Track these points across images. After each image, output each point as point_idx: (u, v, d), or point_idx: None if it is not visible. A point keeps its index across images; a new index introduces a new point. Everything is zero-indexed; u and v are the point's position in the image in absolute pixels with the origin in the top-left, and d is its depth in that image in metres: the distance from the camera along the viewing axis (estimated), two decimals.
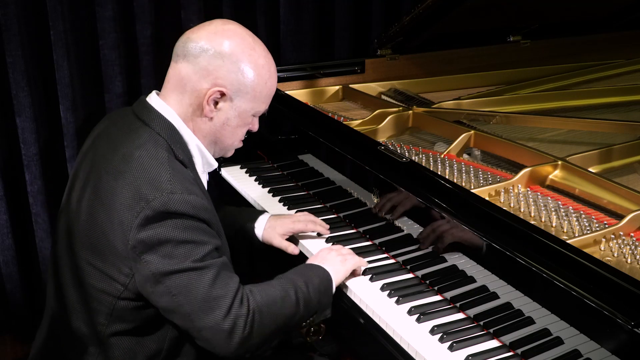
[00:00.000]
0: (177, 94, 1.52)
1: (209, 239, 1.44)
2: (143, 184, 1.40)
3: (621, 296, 1.25)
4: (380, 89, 2.58)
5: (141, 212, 1.38)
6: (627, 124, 2.11)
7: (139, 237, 1.38)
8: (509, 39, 2.83)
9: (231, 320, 1.42)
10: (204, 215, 1.43)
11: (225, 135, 1.57)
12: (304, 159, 2.24)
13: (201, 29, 1.52)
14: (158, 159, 1.44)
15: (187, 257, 1.40)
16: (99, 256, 1.45)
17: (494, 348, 1.46)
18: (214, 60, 1.48)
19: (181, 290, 1.40)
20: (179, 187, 1.40)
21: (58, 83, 2.67)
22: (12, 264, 2.82)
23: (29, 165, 2.71)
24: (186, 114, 1.53)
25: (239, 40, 1.51)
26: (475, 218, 1.56)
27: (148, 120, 1.51)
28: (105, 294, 1.46)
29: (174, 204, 1.38)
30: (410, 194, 1.73)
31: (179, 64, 1.51)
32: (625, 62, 2.79)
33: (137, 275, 1.42)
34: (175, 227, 1.39)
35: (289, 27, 3.12)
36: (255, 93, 1.53)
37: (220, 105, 1.52)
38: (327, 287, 1.63)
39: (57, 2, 2.59)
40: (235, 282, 1.46)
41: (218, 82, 1.49)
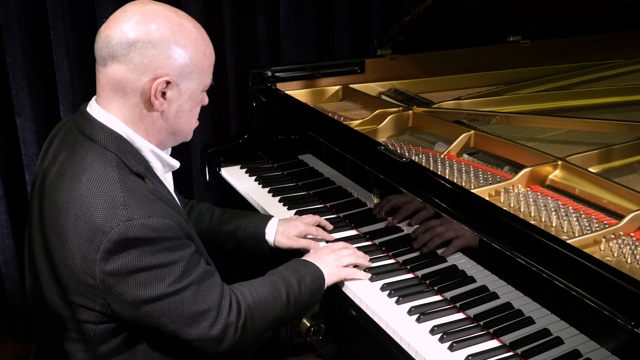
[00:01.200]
0: (117, 99, 1.39)
1: (182, 253, 1.36)
2: (97, 213, 1.29)
3: (621, 296, 1.25)
4: (380, 89, 2.58)
5: (101, 245, 1.29)
6: (627, 124, 2.11)
7: (106, 271, 1.30)
8: (509, 39, 2.82)
9: (220, 328, 1.40)
10: (169, 234, 1.33)
11: (182, 123, 1.46)
12: (304, 159, 2.24)
13: (118, 23, 1.37)
14: (108, 181, 1.33)
15: (163, 282, 1.33)
16: (71, 291, 1.37)
17: (494, 348, 1.46)
18: (146, 51, 1.35)
19: (163, 313, 1.34)
20: (136, 211, 1.30)
21: (58, 83, 2.67)
22: (12, 264, 2.82)
23: (29, 165, 2.71)
24: (133, 118, 1.41)
25: (163, 21, 1.37)
26: (475, 218, 1.56)
27: (92, 135, 1.40)
28: (83, 322, 1.40)
29: (134, 231, 1.29)
30: (410, 194, 1.73)
31: (109, 67, 1.37)
32: (625, 62, 2.79)
33: (113, 304, 1.35)
34: (141, 254, 1.30)
35: (289, 27, 3.12)
36: (198, 69, 1.42)
37: (169, 94, 1.40)
38: (319, 287, 1.63)
39: (57, 2, 2.59)
40: (218, 290, 1.42)
41: (159, 73, 1.37)
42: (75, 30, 2.68)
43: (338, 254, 1.70)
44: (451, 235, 1.62)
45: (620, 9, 2.88)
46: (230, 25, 2.99)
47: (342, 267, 1.68)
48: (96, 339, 1.41)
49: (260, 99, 2.40)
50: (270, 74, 2.47)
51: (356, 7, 3.29)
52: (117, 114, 1.41)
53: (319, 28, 3.24)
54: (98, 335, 1.41)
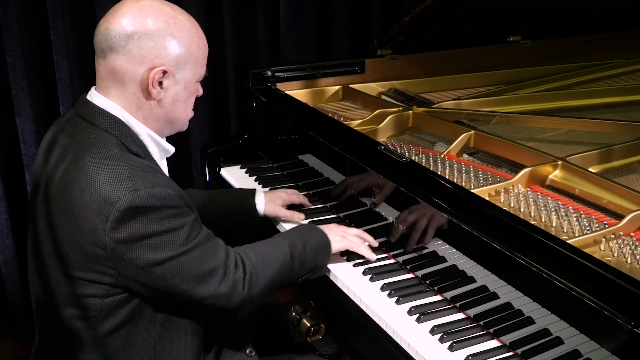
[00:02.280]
0: (116, 88, 1.47)
1: (185, 219, 1.44)
2: (103, 185, 1.37)
3: (621, 296, 1.25)
4: (380, 89, 2.58)
5: (109, 215, 1.35)
6: (627, 124, 2.11)
7: (116, 239, 1.37)
8: (509, 39, 2.83)
9: (228, 285, 1.48)
10: (172, 202, 1.41)
11: (178, 112, 1.54)
12: (304, 159, 2.24)
13: (116, 17, 1.44)
14: (111, 157, 1.40)
15: (171, 244, 1.41)
16: (77, 268, 1.43)
17: (494, 348, 1.46)
18: (144, 42, 1.43)
19: (175, 274, 1.42)
20: (140, 182, 1.38)
21: (58, 83, 2.68)
22: (12, 264, 2.82)
23: (29, 165, 2.71)
24: (131, 105, 1.48)
25: (158, 14, 1.45)
26: (475, 218, 1.56)
27: (93, 119, 1.47)
28: (90, 297, 1.45)
29: (140, 200, 1.37)
30: (410, 193, 1.73)
31: (108, 58, 1.45)
32: (625, 62, 2.79)
33: (125, 272, 1.41)
34: (148, 221, 1.38)
35: (289, 27, 3.12)
36: (193, 59, 1.50)
37: (165, 83, 1.48)
38: (324, 249, 1.71)
39: (57, 2, 2.59)
40: (222, 249, 1.51)
41: (156, 63, 1.44)
42: (75, 30, 2.69)
43: (344, 228, 1.80)
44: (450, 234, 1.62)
45: (620, 9, 2.88)
46: (230, 25, 2.99)
47: (348, 234, 1.77)
48: (101, 315, 1.46)
49: (260, 99, 2.40)
50: (270, 74, 2.47)
51: (356, 7, 3.29)
52: (117, 102, 1.49)
53: (319, 28, 3.24)
54: (104, 310, 1.46)
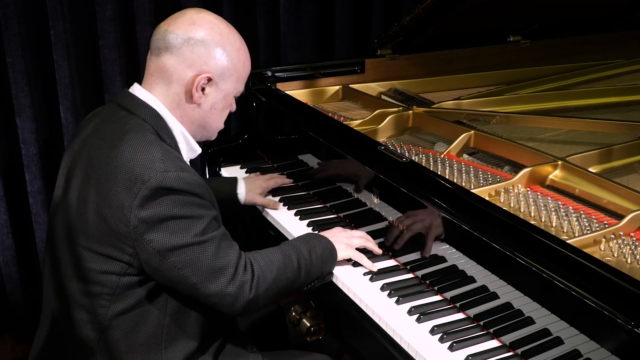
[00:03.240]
0: (162, 85, 1.57)
1: (206, 211, 1.50)
2: (137, 165, 1.44)
3: (621, 296, 1.25)
4: (380, 89, 2.58)
5: (139, 192, 1.42)
6: (627, 124, 2.11)
7: (140, 217, 1.42)
8: (509, 39, 2.83)
9: (236, 286, 1.50)
10: (198, 190, 1.48)
11: (212, 119, 1.64)
12: (304, 159, 2.24)
13: (177, 21, 1.57)
14: (147, 140, 1.49)
15: (189, 232, 1.45)
16: (100, 242, 1.48)
17: (494, 348, 1.46)
18: (197, 48, 1.54)
19: (186, 264, 1.46)
20: (171, 165, 1.45)
21: (58, 83, 2.67)
22: (12, 264, 2.82)
23: (29, 165, 2.71)
24: (172, 103, 1.58)
25: (215, 27, 1.57)
26: (475, 218, 1.56)
27: (133, 109, 1.56)
28: (108, 274, 1.50)
29: (169, 181, 1.43)
30: (410, 194, 1.73)
31: (161, 57, 1.55)
32: (625, 62, 2.79)
33: (142, 253, 1.46)
34: (173, 203, 1.44)
35: (289, 27, 3.12)
36: (237, 74, 1.61)
37: (207, 90, 1.58)
38: (330, 256, 1.72)
39: (57, 2, 2.59)
40: (236, 250, 1.54)
41: (204, 69, 1.55)
42: (75, 30, 2.69)
43: (349, 234, 1.80)
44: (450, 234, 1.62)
45: (620, 9, 2.88)
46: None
47: (352, 246, 1.77)
48: (116, 293, 1.50)
49: (260, 99, 2.40)
50: (270, 74, 2.47)
51: (356, 7, 3.29)
52: (159, 97, 1.58)
53: (319, 28, 3.24)
54: (119, 288, 1.50)
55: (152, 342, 1.54)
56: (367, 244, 1.79)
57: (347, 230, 1.81)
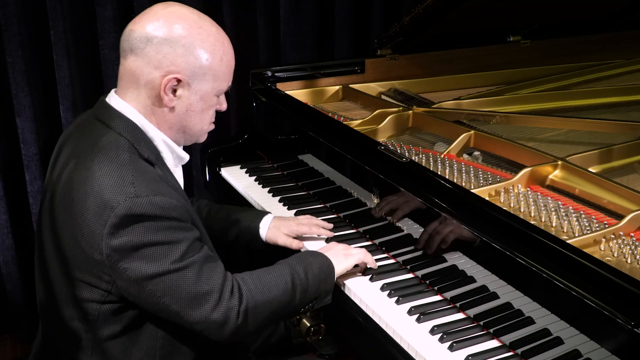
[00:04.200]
0: (132, 90, 1.47)
1: (185, 234, 1.40)
2: (105, 189, 1.35)
3: (621, 296, 1.25)
4: (380, 89, 2.58)
5: (108, 220, 1.34)
6: (627, 124, 2.11)
7: (111, 246, 1.34)
8: (509, 39, 2.82)
9: (222, 312, 1.41)
10: (174, 213, 1.38)
11: (192, 122, 1.51)
12: (304, 159, 2.24)
13: (142, 19, 1.46)
14: (119, 162, 1.39)
15: (166, 259, 1.36)
16: (78, 269, 1.42)
17: (494, 348, 1.46)
18: (162, 47, 1.42)
19: (166, 292, 1.38)
20: (143, 189, 1.36)
21: (58, 83, 2.67)
22: (12, 264, 2.82)
23: (29, 165, 2.71)
24: (145, 109, 1.48)
25: (183, 22, 1.44)
26: (475, 218, 1.56)
27: (108, 121, 1.47)
28: (88, 301, 1.44)
29: (140, 207, 1.34)
30: (410, 194, 1.73)
31: (127, 59, 1.45)
32: (625, 62, 2.79)
33: (118, 281, 1.39)
34: (146, 230, 1.35)
35: (289, 27, 3.12)
36: (213, 72, 1.47)
37: (180, 92, 1.46)
38: (328, 275, 1.62)
39: (57, 2, 2.59)
40: (220, 273, 1.45)
41: (171, 69, 1.43)
42: (75, 30, 2.68)
43: (346, 247, 1.73)
44: (451, 236, 1.62)
45: (620, 9, 2.88)
46: (230, 25, 2.99)
47: (350, 255, 1.69)
48: (100, 320, 1.44)
49: (260, 99, 2.40)
50: (270, 74, 2.47)
51: (356, 7, 3.28)
52: (132, 104, 1.48)
53: (319, 28, 3.24)
54: (102, 315, 1.44)
55: None
56: (366, 258, 1.72)
57: (345, 246, 1.74)
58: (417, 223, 1.74)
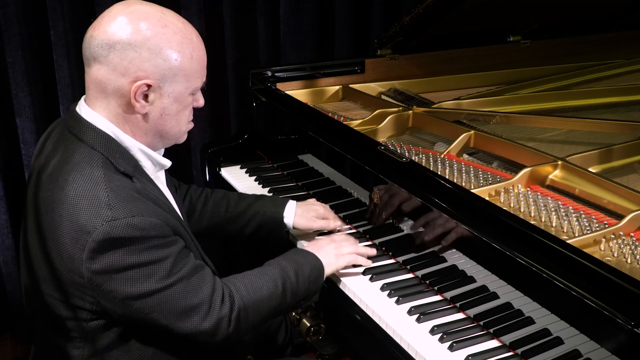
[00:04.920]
0: (101, 99, 1.39)
1: (170, 249, 1.35)
2: (81, 213, 1.29)
3: (621, 296, 1.25)
4: (380, 89, 2.58)
5: (86, 245, 1.28)
6: (627, 124, 2.11)
7: (93, 270, 1.30)
8: (509, 39, 2.83)
9: (212, 322, 1.39)
10: (155, 232, 1.32)
11: (168, 126, 1.44)
12: (304, 159, 2.24)
13: (102, 23, 1.36)
14: (93, 180, 1.32)
15: (152, 278, 1.32)
16: (60, 290, 1.38)
17: (494, 348, 1.46)
18: (126, 52, 1.33)
19: (154, 309, 1.34)
20: (120, 210, 1.29)
21: (58, 83, 2.67)
22: (12, 264, 2.82)
23: (29, 165, 2.71)
24: (117, 118, 1.40)
25: (146, 22, 1.35)
26: (475, 218, 1.56)
27: (80, 134, 1.39)
28: (74, 320, 1.40)
29: (118, 231, 1.28)
30: (410, 194, 1.73)
31: (92, 67, 1.37)
32: (625, 62, 2.79)
33: (103, 302, 1.35)
34: (127, 253, 1.30)
35: (289, 27, 3.12)
36: (184, 72, 1.39)
37: (151, 97, 1.38)
38: (318, 277, 1.62)
39: (57, 2, 2.59)
40: (209, 283, 1.41)
41: (139, 75, 1.34)
42: (75, 30, 2.68)
43: (338, 244, 1.71)
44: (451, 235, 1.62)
45: (620, 9, 2.88)
46: (230, 25, 2.99)
47: (342, 255, 1.68)
48: (89, 336, 1.41)
49: (260, 99, 2.40)
50: (270, 74, 2.47)
51: (356, 7, 3.29)
52: (103, 114, 1.41)
53: (319, 28, 3.24)
54: (90, 332, 1.41)
55: None
56: (358, 260, 1.71)
57: (335, 241, 1.72)
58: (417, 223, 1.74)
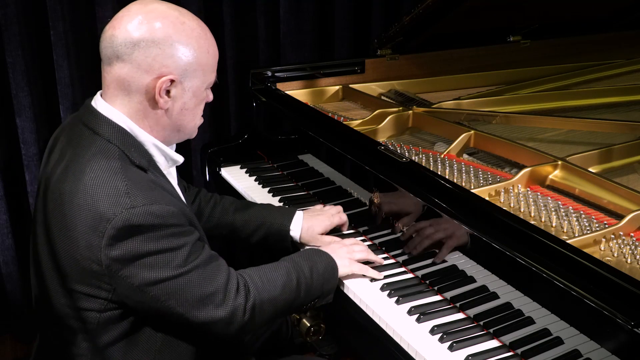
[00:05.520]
0: (122, 97, 1.43)
1: (187, 238, 1.39)
2: (100, 201, 1.32)
3: (621, 296, 1.25)
4: (380, 89, 2.58)
5: (105, 232, 1.31)
6: (627, 124, 2.11)
7: (111, 257, 1.33)
8: (509, 39, 2.83)
9: (228, 310, 1.42)
10: (172, 220, 1.36)
11: (186, 120, 1.50)
12: (304, 159, 2.24)
13: (122, 22, 1.40)
14: (111, 170, 1.36)
15: (169, 265, 1.35)
16: (75, 280, 1.39)
17: (494, 348, 1.46)
18: (150, 50, 1.38)
19: (170, 296, 1.37)
20: (139, 199, 1.33)
21: (58, 83, 2.68)
22: (12, 264, 2.82)
23: (29, 165, 2.71)
24: (137, 114, 1.44)
25: (166, 20, 1.40)
26: (475, 218, 1.56)
27: (96, 128, 1.43)
28: (87, 311, 1.42)
29: (137, 218, 1.32)
30: (410, 194, 1.73)
31: (113, 66, 1.41)
32: (625, 62, 2.79)
33: (120, 289, 1.37)
34: (145, 240, 1.33)
35: (289, 27, 3.12)
36: (202, 67, 1.45)
37: (173, 92, 1.43)
38: (331, 276, 1.63)
39: (57, 2, 2.59)
40: (224, 272, 1.44)
41: (163, 71, 1.40)
42: (75, 30, 2.69)
43: (350, 249, 1.73)
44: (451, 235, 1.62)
45: (620, 9, 2.88)
46: (230, 25, 2.99)
47: (354, 261, 1.70)
48: (99, 328, 1.43)
49: (260, 99, 2.40)
50: (270, 74, 2.47)
51: (356, 7, 3.29)
52: (122, 110, 1.44)
53: (319, 28, 3.24)
54: (101, 323, 1.42)
55: None
56: (369, 257, 1.74)
57: (346, 245, 1.74)
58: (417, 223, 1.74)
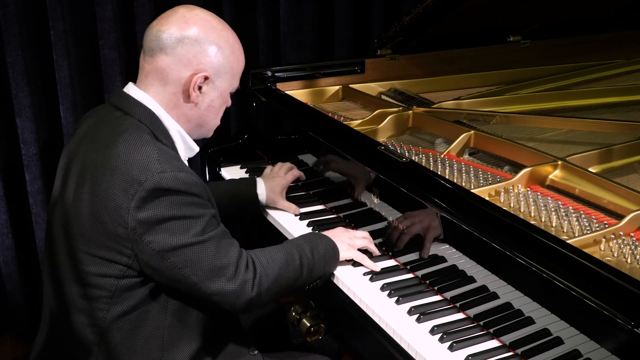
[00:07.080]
0: (157, 86, 1.56)
1: (205, 210, 1.50)
2: (132, 166, 1.44)
3: (621, 296, 1.25)
4: (380, 89, 2.58)
5: (135, 194, 1.42)
6: (627, 124, 2.11)
7: (138, 219, 1.42)
8: (509, 39, 2.83)
9: (238, 284, 1.50)
10: (195, 190, 1.48)
11: (210, 117, 1.63)
12: (304, 159, 2.24)
13: (170, 20, 1.55)
14: (142, 140, 1.48)
15: (188, 232, 1.45)
16: (98, 245, 1.48)
17: (494, 348, 1.46)
18: (192, 47, 1.53)
19: (187, 264, 1.46)
20: (168, 165, 1.45)
21: (58, 83, 2.68)
22: (12, 264, 2.82)
23: (29, 165, 2.71)
24: (168, 103, 1.57)
25: (208, 23, 1.57)
26: (475, 218, 1.56)
27: (128, 109, 1.55)
28: (106, 277, 1.49)
29: (166, 182, 1.43)
30: (410, 194, 1.73)
31: (156, 57, 1.54)
32: (625, 62, 2.79)
33: (141, 255, 1.46)
34: (171, 204, 1.44)
35: (289, 27, 3.12)
36: (232, 71, 1.61)
37: (204, 89, 1.57)
38: (332, 257, 1.72)
39: (57, 2, 2.59)
40: (236, 248, 1.54)
41: (200, 68, 1.55)
42: (75, 30, 2.69)
43: (352, 234, 1.80)
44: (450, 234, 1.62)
45: (620, 9, 2.88)
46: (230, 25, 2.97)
47: (354, 247, 1.77)
48: (115, 295, 1.50)
49: (260, 99, 2.40)
50: (270, 74, 2.47)
51: (356, 7, 3.29)
52: (154, 97, 1.57)
53: (319, 28, 3.24)
54: (118, 291, 1.50)
55: (152, 344, 1.54)
56: (370, 245, 1.79)
57: (349, 230, 1.81)
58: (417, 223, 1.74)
